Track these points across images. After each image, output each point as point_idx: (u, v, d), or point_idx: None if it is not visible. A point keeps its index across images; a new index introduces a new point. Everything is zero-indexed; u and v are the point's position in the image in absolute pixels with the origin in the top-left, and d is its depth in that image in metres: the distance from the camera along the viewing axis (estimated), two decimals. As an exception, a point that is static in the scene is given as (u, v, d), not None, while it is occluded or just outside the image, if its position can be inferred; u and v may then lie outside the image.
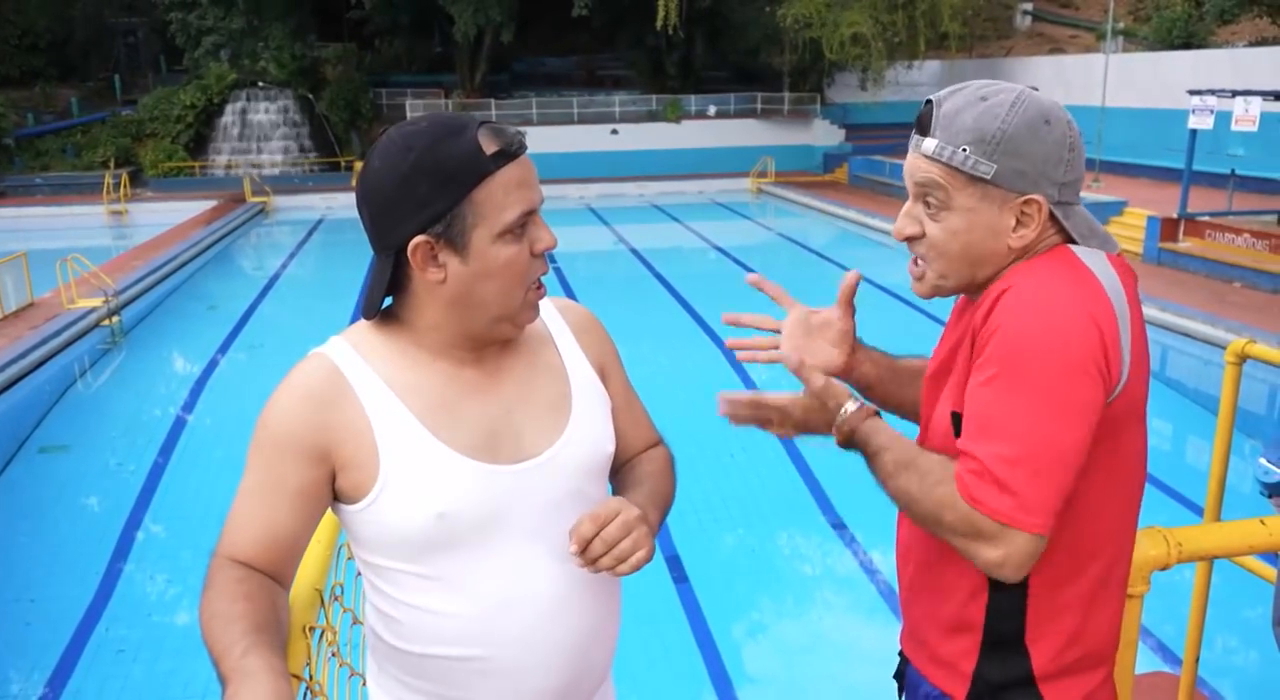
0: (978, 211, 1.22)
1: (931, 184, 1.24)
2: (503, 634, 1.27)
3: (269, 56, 28.74)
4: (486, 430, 1.27)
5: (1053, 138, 1.21)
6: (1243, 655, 5.02)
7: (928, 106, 1.26)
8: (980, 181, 1.21)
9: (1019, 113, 1.20)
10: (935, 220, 1.25)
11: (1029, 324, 1.15)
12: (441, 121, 1.21)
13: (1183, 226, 14.19)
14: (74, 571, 6.25)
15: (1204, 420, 5.63)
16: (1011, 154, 1.20)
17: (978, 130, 1.20)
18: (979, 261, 1.25)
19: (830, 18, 24.94)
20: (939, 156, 1.22)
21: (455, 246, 1.20)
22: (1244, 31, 28.29)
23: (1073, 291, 1.17)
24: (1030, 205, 1.21)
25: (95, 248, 16.71)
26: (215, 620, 1.10)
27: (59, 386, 10.30)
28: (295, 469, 1.23)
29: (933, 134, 1.24)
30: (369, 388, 1.25)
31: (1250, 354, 2.25)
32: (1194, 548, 1.17)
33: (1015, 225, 1.22)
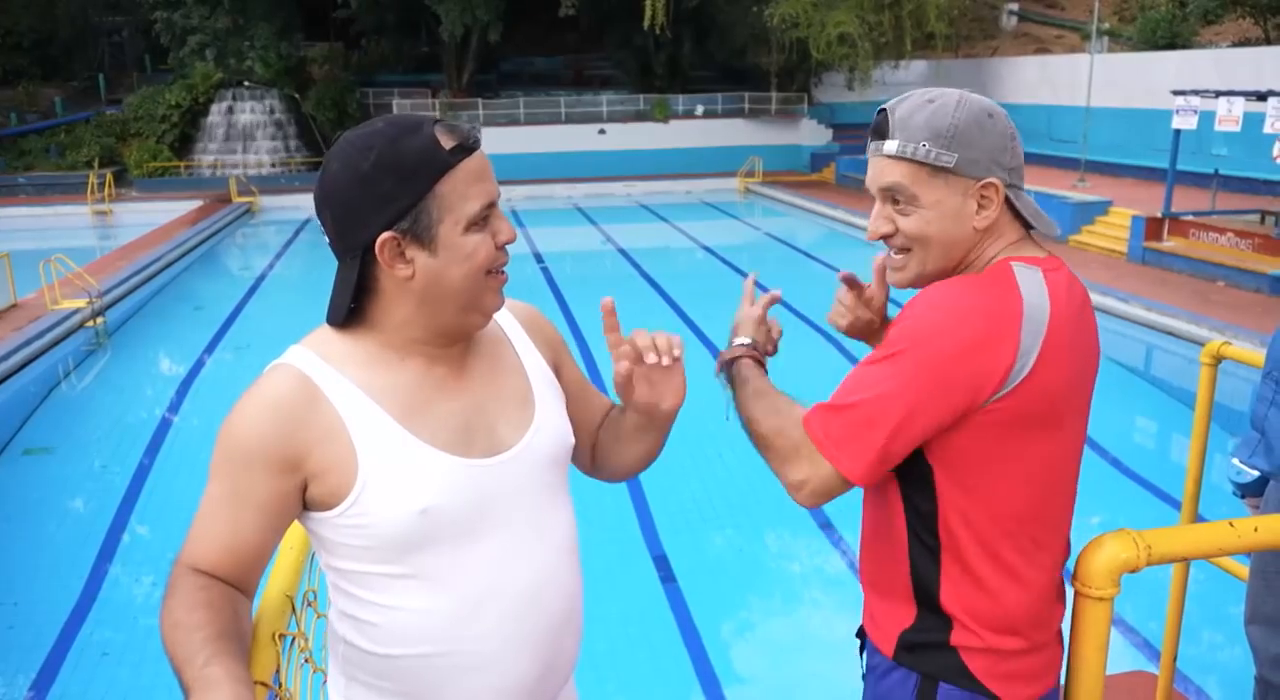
0: (943, 201, 1.35)
1: (897, 185, 1.36)
2: (480, 627, 1.28)
3: (255, 56, 28.60)
4: (462, 425, 1.30)
5: (996, 129, 1.35)
6: (1224, 652, 5.07)
7: (881, 115, 1.39)
8: (943, 172, 1.33)
9: (964, 109, 1.34)
10: (905, 215, 1.37)
11: (918, 311, 1.31)
12: (397, 121, 1.23)
13: (1167, 226, 14.28)
14: (58, 574, 6.22)
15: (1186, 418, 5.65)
16: (965, 144, 1.32)
17: (932, 127, 1.33)
18: (950, 246, 1.37)
19: (817, 17, 24.98)
20: (902, 154, 1.34)
21: (422, 241, 1.22)
22: (1227, 32, 28.48)
23: (976, 292, 1.30)
24: (988, 188, 1.35)
25: (79, 248, 16.61)
26: (177, 630, 1.11)
27: (43, 388, 10.25)
28: (263, 480, 1.23)
29: (892, 136, 1.36)
30: (340, 391, 1.25)
31: (1226, 355, 2.28)
32: (1164, 550, 1.19)
33: (977, 209, 1.35)
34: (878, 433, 1.28)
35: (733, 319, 1.61)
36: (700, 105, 29.89)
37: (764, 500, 7.08)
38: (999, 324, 1.26)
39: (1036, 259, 1.37)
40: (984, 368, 1.25)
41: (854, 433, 1.30)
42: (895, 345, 1.30)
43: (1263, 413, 2.20)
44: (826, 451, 1.31)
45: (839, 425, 1.31)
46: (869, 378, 1.32)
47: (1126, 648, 4.85)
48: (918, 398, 1.27)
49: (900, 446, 1.29)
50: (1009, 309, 1.27)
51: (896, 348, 1.29)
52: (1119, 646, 4.82)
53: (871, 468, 1.30)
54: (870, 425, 1.29)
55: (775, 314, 1.68)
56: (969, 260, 1.39)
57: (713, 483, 7.25)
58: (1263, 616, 2.28)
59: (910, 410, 1.27)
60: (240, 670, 1.03)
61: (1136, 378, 10.74)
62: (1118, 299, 11.95)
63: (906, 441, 1.29)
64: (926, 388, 1.26)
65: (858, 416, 1.30)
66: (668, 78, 31.39)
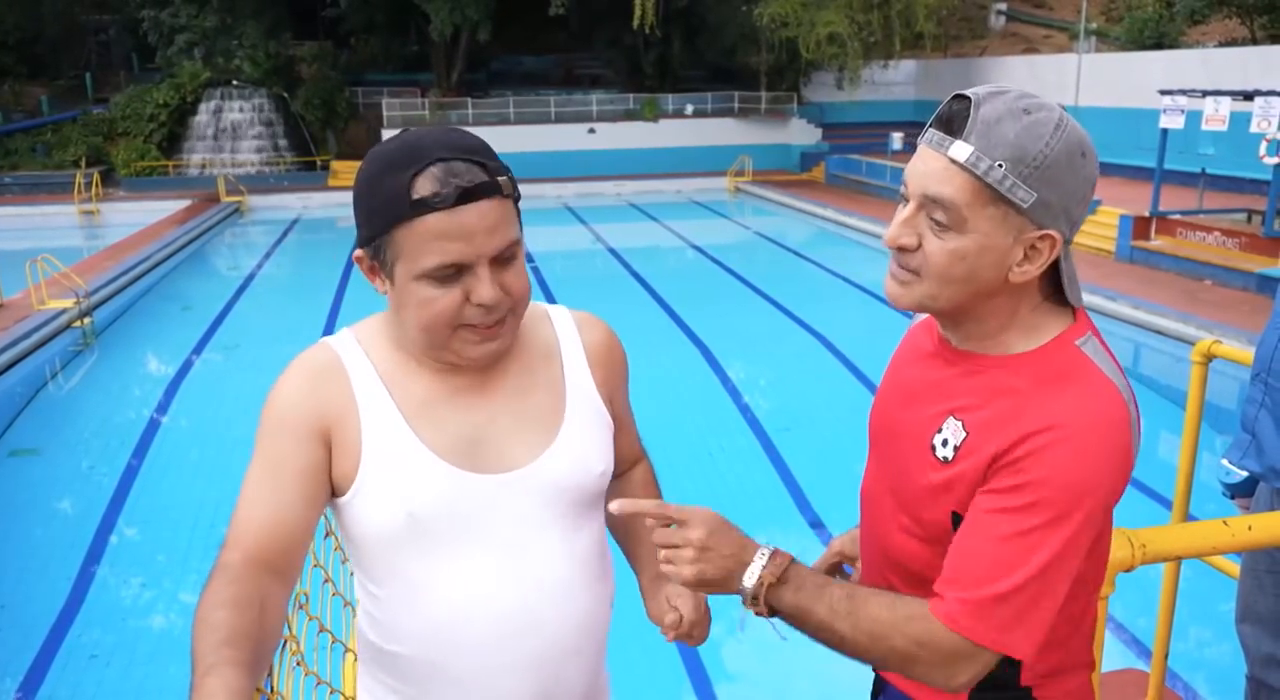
0: (991, 237, 1.10)
1: (947, 200, 1.10)
2: (462, 642, 1.27)
3: (243, 55, 28.50)
4: (469, 436, 1.27)
5: (1085, 173, 1.11)
6: (1215, 650, 5.09)
7: (961, 103, 1.11)
8: (1004, 205, 1.08)
9: (1062, 138, 1.08)
10: (939, 238, 1.12)
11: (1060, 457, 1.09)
12: (400, 150, 1.19)
13: (1155, 225, 14.36)
14: (46, 576, 6.18)
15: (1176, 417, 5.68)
16: (1048, 183, 1.08)
17: (1019, 148, 1.06)
18: (974, 289, 1.14)
19: (806, 17, 25.04)
20: (973, 167, 1.07)
21: (382, 270, 1.22)
22: (1214, 32, 28.63)
23: (1110, 426, 1.11)
24: (1044, 241, 1.11)
25: (66, 248, 16.50)
26: (200, 625, 1.09)
27: (29, 389, 10.18)
28: (296, 447, 1.23)
29: (967, 139, 1.08)
30: (362, 377, 1.27)
31: (1216, 353, 2.28)
32: (1158, 549, 1.19)
33: (1022, 259, 1.12)
34: (1048, 608, 1.10)
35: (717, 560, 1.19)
36: (690, 104, 29.89)
37: (754, 499, 7.08)
38: (1126, 440, 1.11)
39: (1083, 325, 1.19)
40: (1121, 491, 1.13)
41: (1022, 617, 1.09)
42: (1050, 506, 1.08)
43: (1253, 414, 2.20)
44: (996, 645, 1.10)
45: (1003, 616, 1.09)
46: (1022, 549, 1.09)
47: (1117, 645, 4.86)
48: (1078, 555, 1.11)
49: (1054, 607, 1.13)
50: (1122, 418, 1.12)
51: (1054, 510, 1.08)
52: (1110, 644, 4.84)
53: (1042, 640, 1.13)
54: (1038, 604, 1.09)
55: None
56: (986, 311, 1.18)
57: (703, 481, 7.25)
58: (1254, 615, 2.29)
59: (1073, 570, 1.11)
60: (239, 682, 1.01)
61: (1126, 376, 10.78)
62: (1106, 298, 12.00)
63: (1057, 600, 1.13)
64: (1086, 543, 1.11)
65: (1024, 600, 1.09)
66: (657, 77, 31.40)
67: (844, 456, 6.18)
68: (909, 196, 1.15)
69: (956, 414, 1.19)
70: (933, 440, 1.20)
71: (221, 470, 7.70)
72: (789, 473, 7.34)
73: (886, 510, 1.30)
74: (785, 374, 10.43)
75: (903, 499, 1.26)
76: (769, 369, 10.70)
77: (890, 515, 1.29)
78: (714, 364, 10.30)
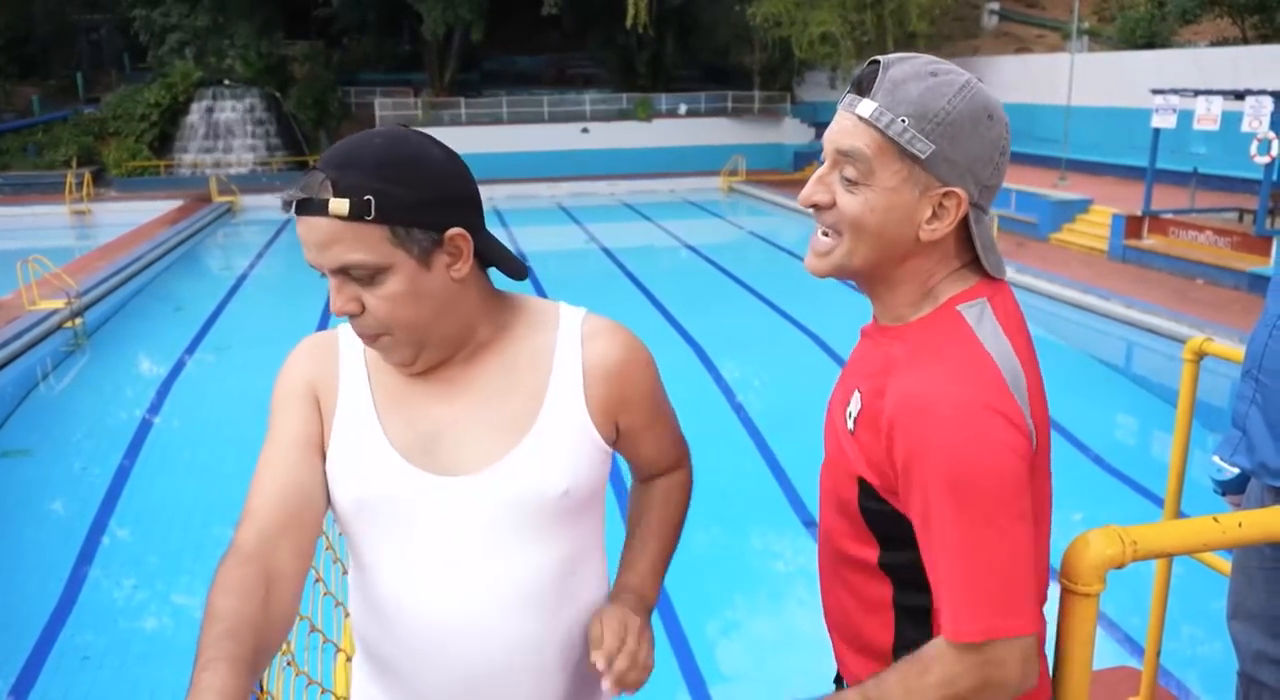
0: (899, 192, 1.14)
1: (857, 153, 1.14)
2: (401, 638, 1.28)
3: (235, 54, 28.45)
4: (430, 433, 1.27)
5: (990, 135, 1.15)
6: (1207, 648, 5.11)
7: (872, 67, 1.17)
8: (909, 160, 1.12)
9: (965, 99, 1.13)
10: (851, 193, 1.16)
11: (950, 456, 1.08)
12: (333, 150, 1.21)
13: (1147, 224, 14.40)
14: (37, 577, 6.15)
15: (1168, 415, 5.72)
16: (949, 139, 1.12)
17: (921, 105, 1.11)
18: (887, 247, 1.17)
19: (799, 16, 25.07)
20: (875, 121, 1.13)
21: None
22: (1205, 32, 28.72)
23: (975, 395, 1.09)
24: (950, 198, 1.14)
25: (57, 248, 16.45)
26: (206, 612, 1.10)
27: (21, 390, 10.14)
28: (297, 415, 1.28)
29: (873, 97, 1.14)
30: (351, 362, 1.32)
31: (1208, 351, 2.29)
32: (1149, 546, 1.19)
33: (930, 217, 1.15)
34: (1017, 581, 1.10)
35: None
36: (683, 104, 29.91)
37: (748, 499, 7.09)
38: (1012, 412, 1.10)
39: (979, 286, 1.20)
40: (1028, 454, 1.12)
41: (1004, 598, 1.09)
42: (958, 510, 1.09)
43: (1244, 411, 2.21)
44: (1006, 631, 1.10)
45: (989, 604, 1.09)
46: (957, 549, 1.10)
47: (1109, 643, 4.88)
48: (1023, 530, 1.10)
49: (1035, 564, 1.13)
50: (1003, 393, 1.11)
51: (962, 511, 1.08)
52: (1102, 642, 4.85)
53: (1040, 607, 1.14)
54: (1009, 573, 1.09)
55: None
56: (900, 277, 1.20)
57: (696, 480, 7.23)
58: (1245, 612, 2.30)
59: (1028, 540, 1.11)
60: (234, 680, 1.00)
61: (1117, 375, 10.82)
62: (1098, 297, 12.04)
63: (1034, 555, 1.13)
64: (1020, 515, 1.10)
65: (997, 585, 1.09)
66: (651, 77, 31.42)
67: (837, 455, 6.17)
68: (824, 157, 1.19)
69: (859, 385, 1.23)
70: (845, 412, 1.26)
71: (214, 471, 7.68)
72: (782, 472, 7.35)
73: (825, 490, 1.34)
74: (779, 373, 10.43)
75: (831, 476, 1.31)
76: (762, 368, 10.71)
77: (826, 494, 1.34)
78: (707, 363, 10.30)
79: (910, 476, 1.12)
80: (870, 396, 1.19)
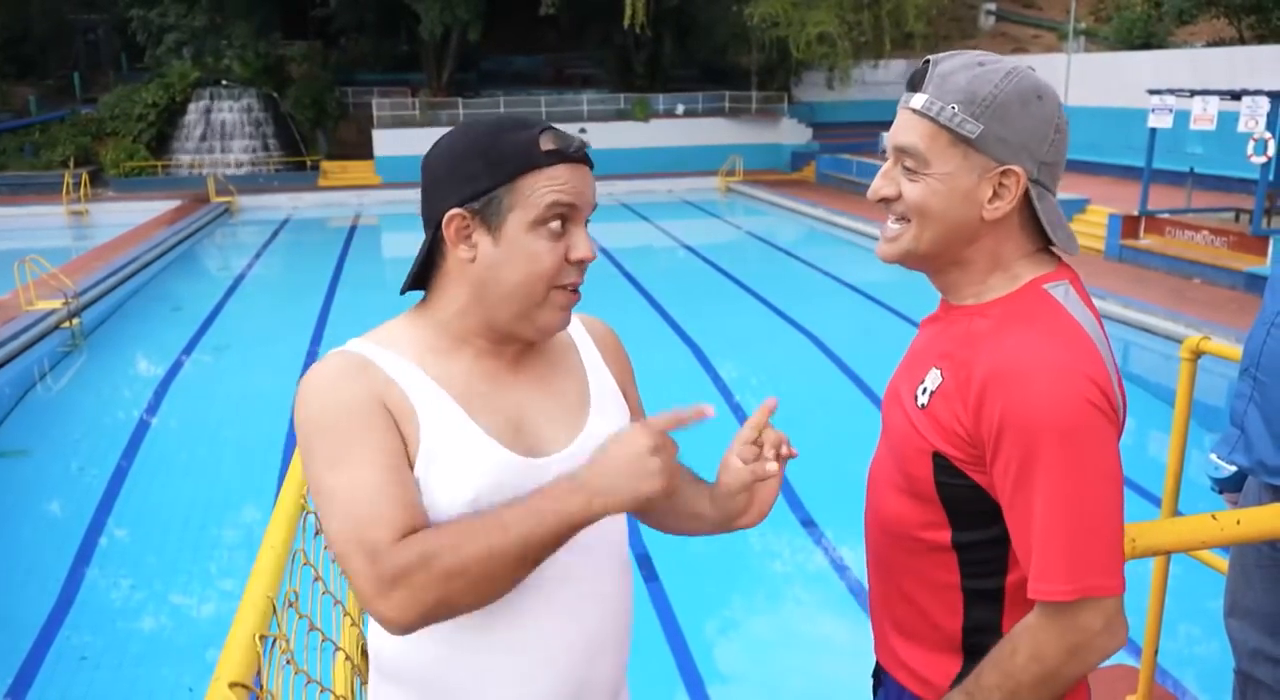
0: (956, 176, 1.20)
1: (911, 146, 1.22)
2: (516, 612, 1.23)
3: (232, 54, 28.42)
4: (514, 419, 1.27)
5: (1042, 113, 1.20)
6: (1203, 646, 5.12)
7: (924, 65, 1.24)
8: (963, 143, 1.19)
9: (1013, 82, 1.19)
10: (912, 182, 1.23)
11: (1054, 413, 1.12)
12: (512, 117, 1.27)
13: (1143, 224, 14.41)
14: (35, 577, 6.15)
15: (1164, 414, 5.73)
16: (998, 119, 1.18)
17: (969, 91, 1.18)
18: (952, 228, 1.23)
19: (797, 17, 25.07)
20: (926, 111, 1.20)
21: (489, 226, 1.21)
22: (1202, 32, 28.76)
23: (1073, 361, 1.14)
24: (1008, 177, 1.20)
25: (55, 249, 16.42)
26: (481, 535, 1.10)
27: (18, 390, 10.13)
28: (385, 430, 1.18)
29: (924, 90, 1.22)
30: (403, 371, 1.23)
31: (1205, 350, 2.30)
32: (1148, 543, 1.19)
33: (991, 196, 1.21)
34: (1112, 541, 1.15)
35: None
36: (681, 104, 29.91)
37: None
38: (1104, 381, 1.15)
39: (1059, 271, 1.26)
40: (1119, 422, 1.18)
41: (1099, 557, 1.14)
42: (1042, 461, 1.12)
43: (1242, 409, 2.22)
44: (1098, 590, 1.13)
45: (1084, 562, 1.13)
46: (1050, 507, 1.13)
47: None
48: (1116, 495, 1.15)
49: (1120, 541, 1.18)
50: (1097, 362, 1.16)
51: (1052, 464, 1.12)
52: (1099, 641, 4.86)
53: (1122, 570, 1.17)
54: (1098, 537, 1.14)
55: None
56: (971, 257, 1.26)
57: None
58: (1242, 610, 2.30)
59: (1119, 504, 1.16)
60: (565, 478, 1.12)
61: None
62: (1095, 296, 11.93)
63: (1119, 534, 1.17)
64: (1114, 479, 1.15)
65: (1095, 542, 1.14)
66: (648, 77, 31.42)
67: (836, 455, 6.17)
68: (887, 154, 1.28)
69: (938, 363, 1.26)
70: (916, 391, 1.28)
71: (211, 471, 7.68)
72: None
73: (886, 474, 1.35)
74: (776, 373, 10.43)
75: (897, 458, 1.31)
76: (760, 368, 10.71)
77: (888, 478, 1.34)
78: (705, 363, 10.30)
79: (1003, 437, 1.14)
80: (953, 369, 1.22)
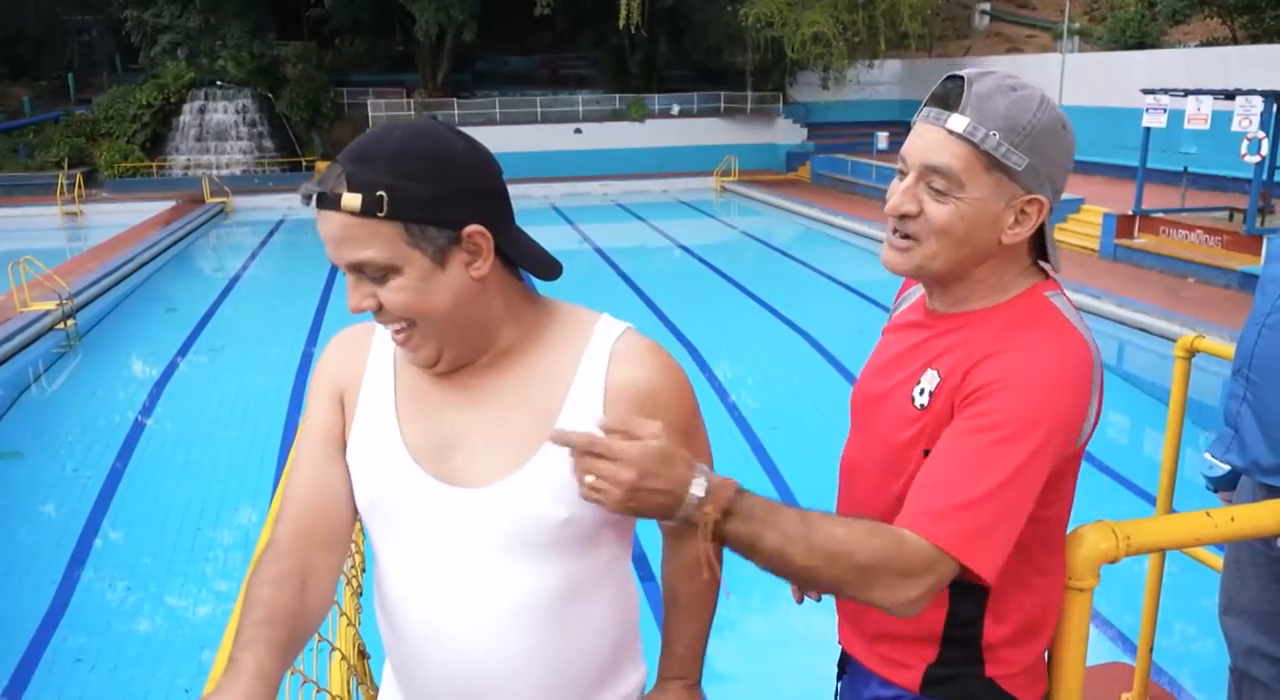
0: (987, 201, 1.20)
1: (946, 168, 1.20)
2: (405, 639, 1.27)
3: (227, 55, 28.36)
4: (444, 439, 1.23)
5: (1065, 144, 1.23)
6: (1198, 644, 5.13)
7: (955, 83, 1.22)
8: (998, 170, 1.19)
9: (1046, 111, 1.20)
10: (940, 203, 1.22)
11: (1020, 381, 1.16)
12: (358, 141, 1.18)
13: (1138, 223, 14.44)
14: (30, 579, 6.13)
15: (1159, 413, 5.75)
16: (1036, 151, 1.19)
17: (1010, 119, 1.18)
18: (970, 251, 1.24)
19: (791, 17, 25.09)
20: (970, 136, 1.18)
21: None
22: (1195, 32, 28.82)
23: (1058, 348, 1.19)
24: (1032, 205, 1.22)
25: (49, 250, 16.38)
26: (244, 601, 1.13)
27: (12, 391, 10.11)
28: (324, 411, 1.28)
29: (964, 111, 1.19)
30: (380, 359, 1.30)
31: (1199, 348, 2.30)
32: (1142, 541, 1.20)
33: (1013, 223, 1.22)
34: (1009, 526, 1.15)
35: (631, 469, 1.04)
36: (676, 104, 29.91)
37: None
38: (1084, 378, 1.19)
39: (1051, 282, 1.30)
40: (1079, 427, 1.20)
41: (987, 530, 1.14)
42: (1009, 424, 1.15)
43: (1235, 409, 2.22)
44: (961, 553, 1.13)
45: (969, 524, 1.13)
46: (985, 463, 1.15)
47: (1102, 640, 4.89)
48: (1039, 479, 1.17)
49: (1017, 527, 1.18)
50: (1083, 357, 1.20)
51: (1013, 427, 1.14)
52: (1095, 639, 4.87)
53: (1003, 562, 1.16)
54: (1001, 520, 1.14)
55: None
56: (980, 275, 1.27)
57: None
58: (1237, 607, 2.31)
59: (1033, 492, 1.17)
60: (270, 663, 1.03)
61: (1109, 373, 10.81)
62: (1090, 296, 12.07)
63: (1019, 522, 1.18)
64: (1044, 467, 1.17)
65: (988, 513, 1.14)
66: (643, 77, 31.41)
67: (831, 454, 6.16)
68: (908, 169, 1.24)
69: (933, 365, 1.28)
70: (912, 393, 1.29)
71: (206, 472, 7.66)
72: (776, 471, 7.35)
73: (870, 480, 1.36)
74: (772, 373, 10.44)
75: (888, 463, 1.31)
76: (756, 368, 10.72)
77: (875, 484, 1.34)
78: (701, 363, 10.30)
79: (980, 394, 1.18)
80: (954, 368, 1.24)
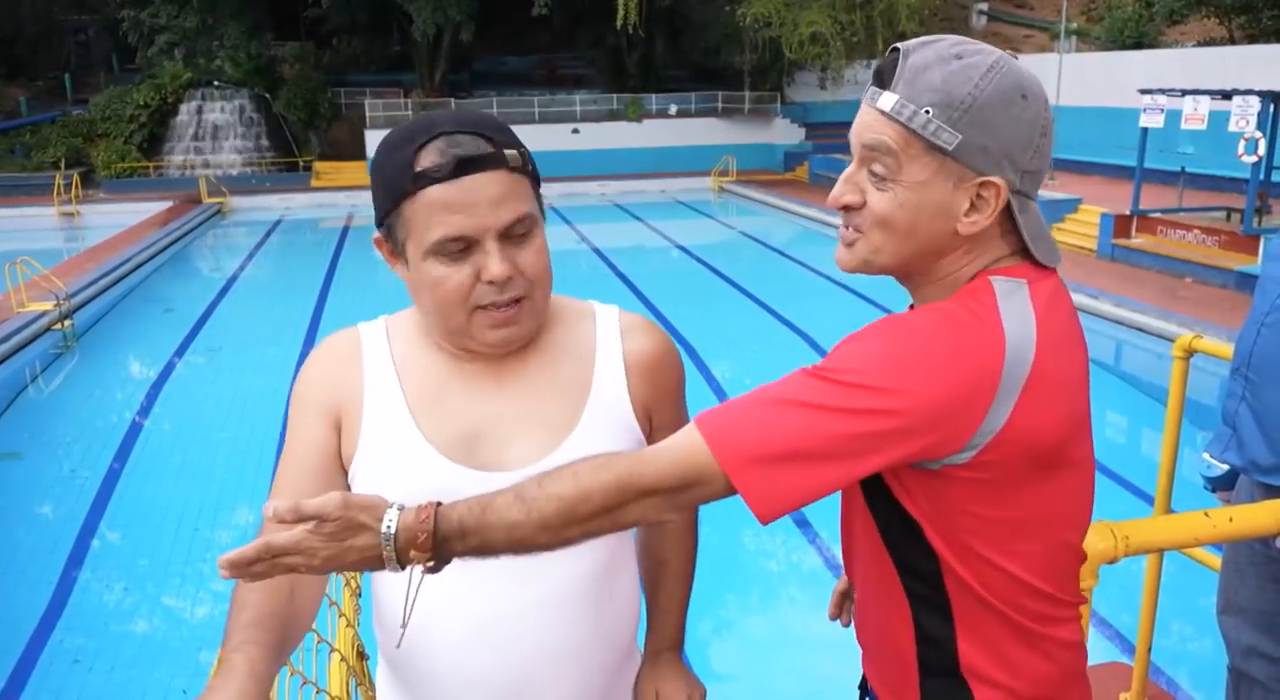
0: (930, 186, 1.05)
1: (882, 148, 1.06)
2: (432, 641, 1.25)
3: (224, 55, 28.35)
4: (471, 429, 1.23)
5: (1026, 116, 1.05)
6: (1197, 644, 5.14)
7: (893, 55, 1.08)
8: (938, 152, 1.04)
9: (994, 80, 1.03)
10: (880, 190, 1.07)
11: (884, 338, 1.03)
12: (409, 128, 1.19)
13: (1135, 223, 14.46)
14: (27, 580, 6.12)
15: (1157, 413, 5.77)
16: (978, 126, 1.03)
17: (945, 92, 1.02)
18: (922, 243, 1.08)
19: (789, 17, 25.10)
20: (897, 115, 1.04)
21: (396, 252, 1.21)
22: (1193, 32, 28.87)
23: (952, 333, 1.02)
24: (987, 189, 1.05)
25: (46, 250, 16.38)
26: (234, 604, 1.12)
27: (9, 392, 10.09)
28: (313, 425, 1.25)
29: (893, 88, 1.06)
30: (376, 363, 1.26)
31: (1197, 348, 2.30)
32: (1140, 541, 1.19)
33: (968, 209, 1.06)
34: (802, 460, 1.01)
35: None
36: (674, 104, 29.92)
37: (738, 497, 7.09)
38: (980, 374, 1.01)
39: (1022, 269, 1.10)
40: (964, 429, 1.01)
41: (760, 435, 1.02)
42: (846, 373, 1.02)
43: (1233, 408, 2.23)
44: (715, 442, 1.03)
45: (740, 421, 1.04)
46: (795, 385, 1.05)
47: (1101, 640, 4.90)
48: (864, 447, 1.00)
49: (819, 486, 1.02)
50: (984, 348, 1.02)
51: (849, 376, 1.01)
52: (1093, 639, 4.88)
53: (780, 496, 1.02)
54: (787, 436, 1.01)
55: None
56: (940, 272, 1.11)
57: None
58: (1235, 607, 2.31)
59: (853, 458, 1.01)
60: (263, 664, 1.03)
61: (1106, 373, 10.85)
62: (1088, 296, 12.08)
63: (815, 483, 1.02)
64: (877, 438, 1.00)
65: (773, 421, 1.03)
66: (641, 77, 31.43)
67: (829, 455, 6.16)
68: (852, 155, 1.12)
69: None
70: None
71: (204, 473, 7.65)
72: (774, 471, 7.36)
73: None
74: (770, 373, 10.31)
75: None
76: (754, 368, 10.71)
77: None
78: (699, 363, 10.30)
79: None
80: None
